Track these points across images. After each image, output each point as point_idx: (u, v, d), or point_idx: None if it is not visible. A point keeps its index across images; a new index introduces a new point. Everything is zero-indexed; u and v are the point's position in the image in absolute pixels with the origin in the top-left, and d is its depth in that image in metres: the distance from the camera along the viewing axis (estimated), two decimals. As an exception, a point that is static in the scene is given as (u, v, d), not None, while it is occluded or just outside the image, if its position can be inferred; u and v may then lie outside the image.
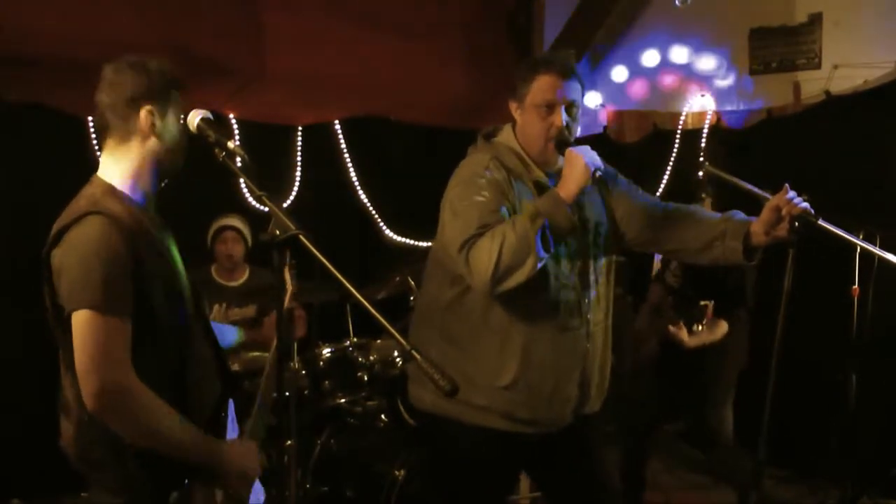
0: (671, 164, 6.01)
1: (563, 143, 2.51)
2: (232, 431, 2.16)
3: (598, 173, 2.41)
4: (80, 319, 1.87)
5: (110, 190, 2.02)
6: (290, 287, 2.55)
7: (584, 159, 2.40)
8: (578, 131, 2.59)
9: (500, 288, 2.38)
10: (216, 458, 1.99)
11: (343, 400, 4.13)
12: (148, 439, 1.91)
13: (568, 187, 2.40)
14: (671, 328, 3.94)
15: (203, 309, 2.26)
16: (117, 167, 2.05)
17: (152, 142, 2.05)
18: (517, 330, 2.51)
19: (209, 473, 1.99)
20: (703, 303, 3.87)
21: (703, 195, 4.00)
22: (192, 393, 2.03)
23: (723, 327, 3.96)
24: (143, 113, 2.03)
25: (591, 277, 2.61)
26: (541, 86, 2.53)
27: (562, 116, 2.51)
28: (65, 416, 2.02)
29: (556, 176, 2.58)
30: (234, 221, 4.68)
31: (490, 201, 2.46)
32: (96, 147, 4.62)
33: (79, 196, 2.03)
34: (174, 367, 2.01)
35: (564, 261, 2.54)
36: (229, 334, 2.51)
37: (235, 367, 3.99)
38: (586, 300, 2.59)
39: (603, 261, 2.67)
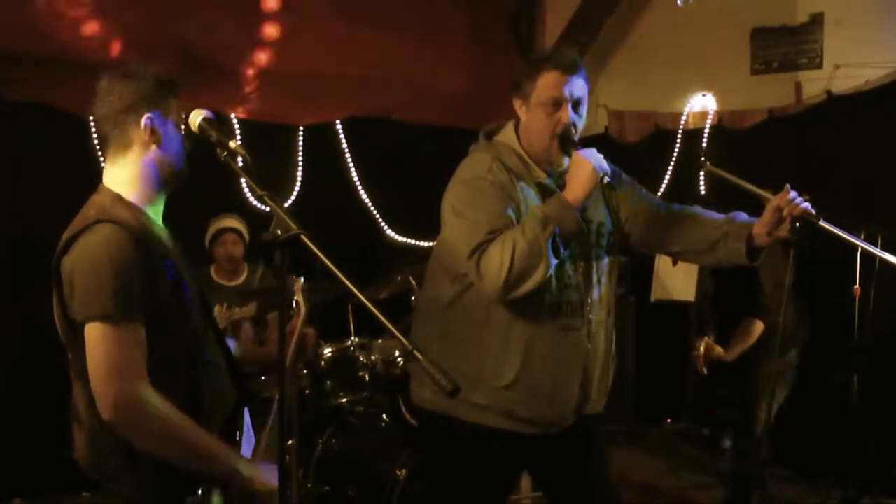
0: (672, 164, 6.02)
1: (567, 140, 2.48)
2: (247, 439, 2.14)
3: (606, 179, 2.37)
4: (93, 331, 1.84)
5: (118, 198, 2.00)
6: (303, 308, 2.52)
7: (592, 163, 2.36)
8: (582, 128, 2.56)
9: (513, 294, 2.37)
10: (235, 471, 1.95)
11: (345, 399, 4.12)
12: (165, 449, 1.88)
13: (575, 191, 2.37)
14: (703, 351, 3.99)
15: (213, 317, 2.23)
16: (121, 177, 2.03)
17: (153, 150, 2.02)
18: (518, 329, 2.49)
19: (225, 484, 1.96)
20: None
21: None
22: (205, 401, 2.00)
23: (758, 325, 3.96)
24: (142, 121, 2.00)
25: (594, 278, 2.60)
26: (547, 83, 2.49)
27: (568, 113, 2.48)
28: (77, 427, 1.99)
29: (557, 176, 2.57)
30: (233, 222, 4.64)
31: (495, 204, 2.43)
32: (97, 146, 4.63)
33: (88, 204, 2.01)
34: (186, 375, 1.98)
35: (567, 261, 2.52)
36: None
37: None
38: (589, 300, 2.57)
39: (606, 261, 2.65)
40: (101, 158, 2.13)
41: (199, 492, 1.94)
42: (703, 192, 5.62)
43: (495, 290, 2.36)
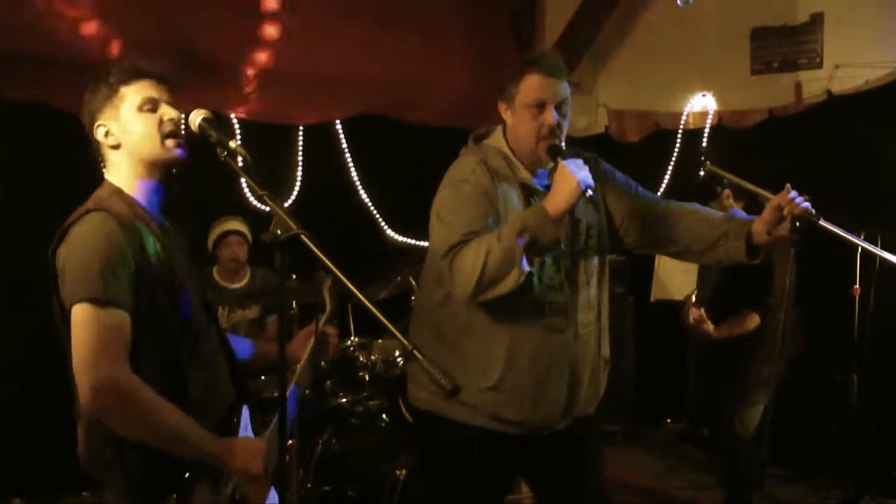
0: (672, 164, 6.02)
1: (553, 148, 2.48)
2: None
3: (589, 193, 2.35)
4: (78, 313, 1.87)
5: (117, 192, 2.05)
6: (328, 307, 2.53)
7: (577, 178, 2.34)
8: (566, 129, 2.57)
9: (482, 298, 2.38)
10: (218, 455, 1.96)
11: (345, 399, 4.13)
12: (145, 434, 1.89)
13: (556, 203, 2.36)
14: (692, 319, 3.92)
15: (215, 314, 2.25)
16: (117, 175, 2.09)
17: (122, 149, 2.07)
18: (502, 331, 2.50)
19: (212, 470, 1.97)
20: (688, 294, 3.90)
21: (719, 188, 3.97)
22: (194, 397, 2.01)
23: (753, 319, 3.93)
24: (97, 132, 2.06)
25: (581, 279, 2.59)
26: (530, 85, 2.51)
27: (552, 115, 2.50)
28: (79, 421, 2.02)
29: (544, 175, 2.58)
30: (237, 225, 4.65)
31: (475, 208, 2.45)
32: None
33: (89, 199, 2.05)
34: (175, 370, 1.99)
35: (551, 262, 2.52)
36: (242, 347, 2.46)
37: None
38: (574, 302, 2.57)
39: (595, 261, 2.64)
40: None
41: (186, 481, 1.95)
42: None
43: (465, 292, 2.38)
